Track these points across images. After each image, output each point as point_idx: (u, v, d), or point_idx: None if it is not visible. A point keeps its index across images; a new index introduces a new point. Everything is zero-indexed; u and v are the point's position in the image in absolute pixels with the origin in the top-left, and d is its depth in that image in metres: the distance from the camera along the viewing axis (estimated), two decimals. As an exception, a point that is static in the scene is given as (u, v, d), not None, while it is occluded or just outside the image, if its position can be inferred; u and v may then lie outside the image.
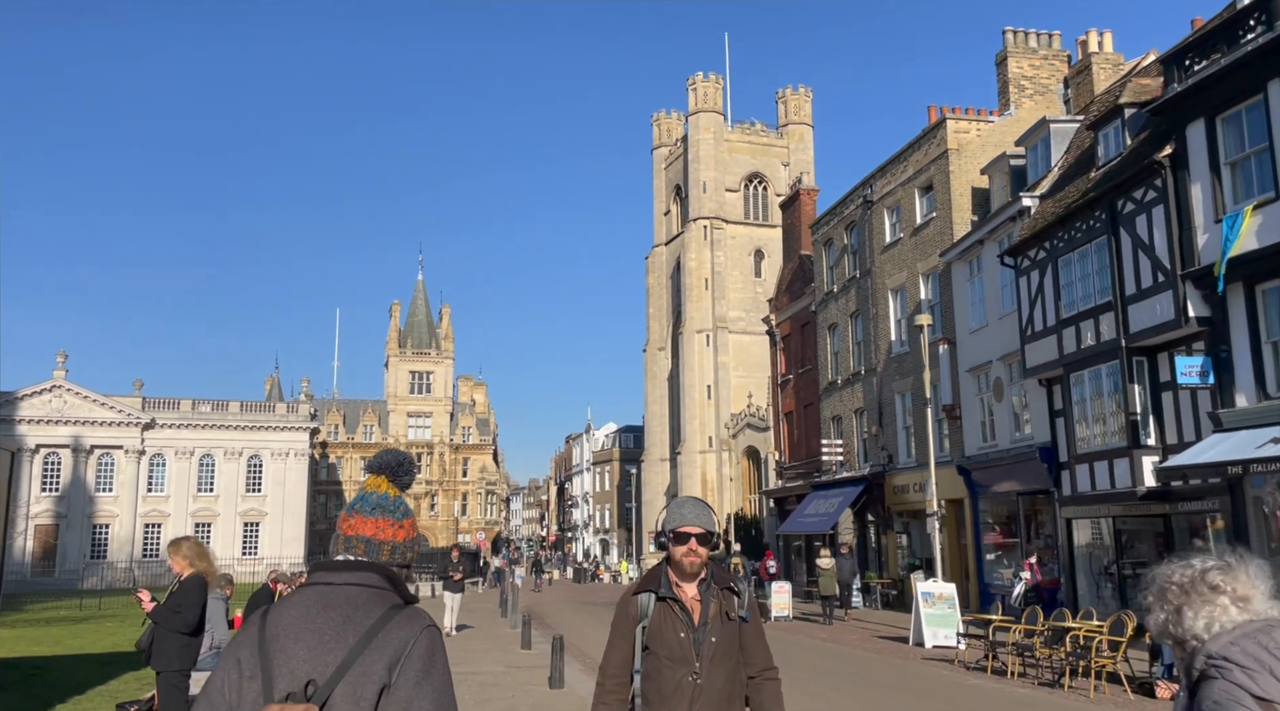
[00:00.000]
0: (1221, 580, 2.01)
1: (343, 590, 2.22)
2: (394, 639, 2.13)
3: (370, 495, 2.45)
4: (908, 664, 16.49)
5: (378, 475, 2.50)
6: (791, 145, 79.23)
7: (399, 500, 2.48)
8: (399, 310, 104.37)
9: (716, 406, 74.34)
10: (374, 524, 2.39)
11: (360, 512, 2.42)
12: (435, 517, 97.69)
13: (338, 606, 2.18)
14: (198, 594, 7.48)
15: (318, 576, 2.30)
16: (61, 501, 71.86)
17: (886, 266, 33.40)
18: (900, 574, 32.46)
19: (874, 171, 34.35)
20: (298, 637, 2.13)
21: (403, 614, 2.19)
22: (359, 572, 2.27)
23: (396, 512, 2.45)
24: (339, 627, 2.14)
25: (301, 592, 2.26)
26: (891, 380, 32.90)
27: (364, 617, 2.16)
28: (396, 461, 2.53)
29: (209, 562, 7.75)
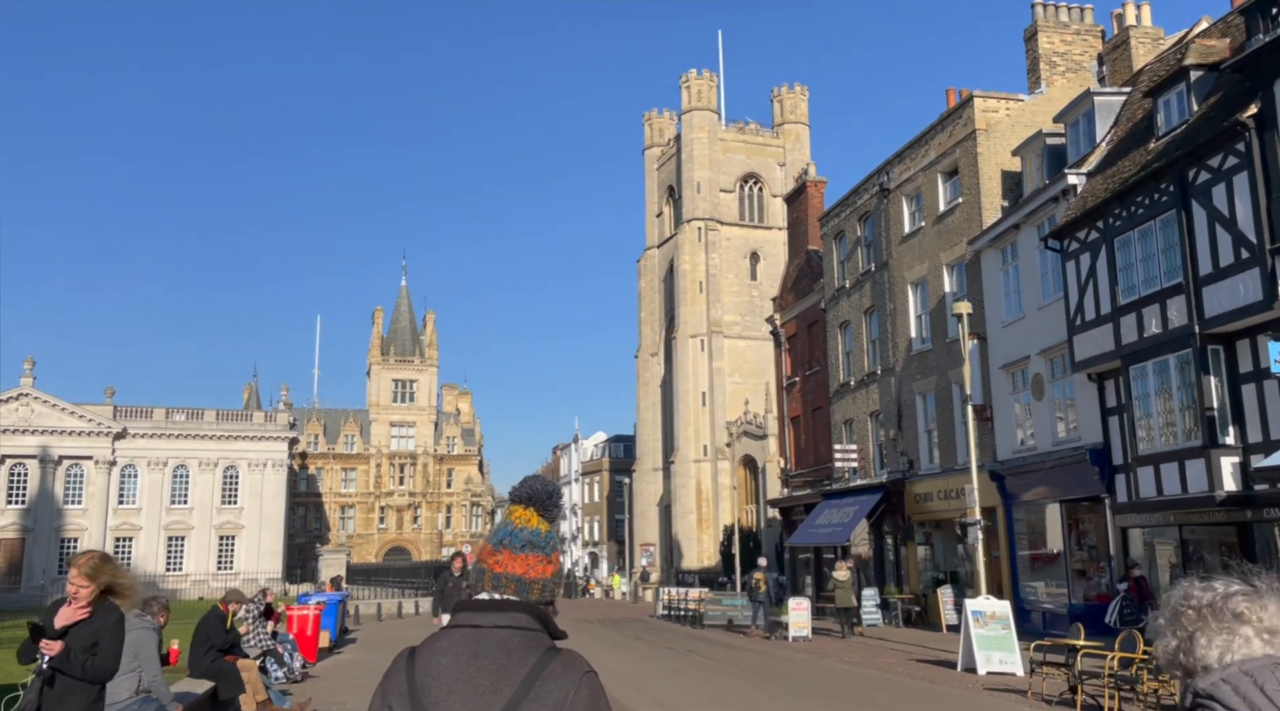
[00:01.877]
0: (1247, 607, 1.83)
1: (493, 633, 2.08)
2: (553, 689, 1.97)
3: (521, 531, 2.23)
4: (973, 696, 14.19)
5: (525, 507, 2.28)
6: (788, 145, 77.35)
7: (550, 535, 2.27)
8: (382, 317, 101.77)
9: (711, 414, 72.10)
10: (524, 562, 2.20)
11: (510, 548, 2.22)
12: (419, 530, 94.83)
13: (489, 652, 2.04)
14: (118, 629, 5.16)
15: (463, 617, 2.14)
16: (28, 514, 68.80)
17: (905, 258, 31.28)
18: (922, 589, 30.24)
19: (891, 157, 32.26)
20: (450, 690, 1.99)
21: (559, 661, 2.02)
22: (508, 613, 2.11)
23: (546, 548, 2.24)
24: (493, 678, 1.99)
25: (448, 637, 2.10)
26: (912, 380, 30.73)
27: (518, 665, 2.00)
28: (546, 492, 2.30)
29: (127, 580, 5.39)
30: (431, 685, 2.01)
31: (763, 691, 14.92)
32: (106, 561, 5.22)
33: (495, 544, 2.25)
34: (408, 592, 39.77)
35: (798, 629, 25.26)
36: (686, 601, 31.85)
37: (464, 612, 2.16)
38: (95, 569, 5.09)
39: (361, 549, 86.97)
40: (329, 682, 15.54)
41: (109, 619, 5.06)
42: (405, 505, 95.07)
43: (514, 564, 2.20)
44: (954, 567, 29.10)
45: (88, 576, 5.05)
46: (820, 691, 14.87)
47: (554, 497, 2.31)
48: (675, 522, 71.61)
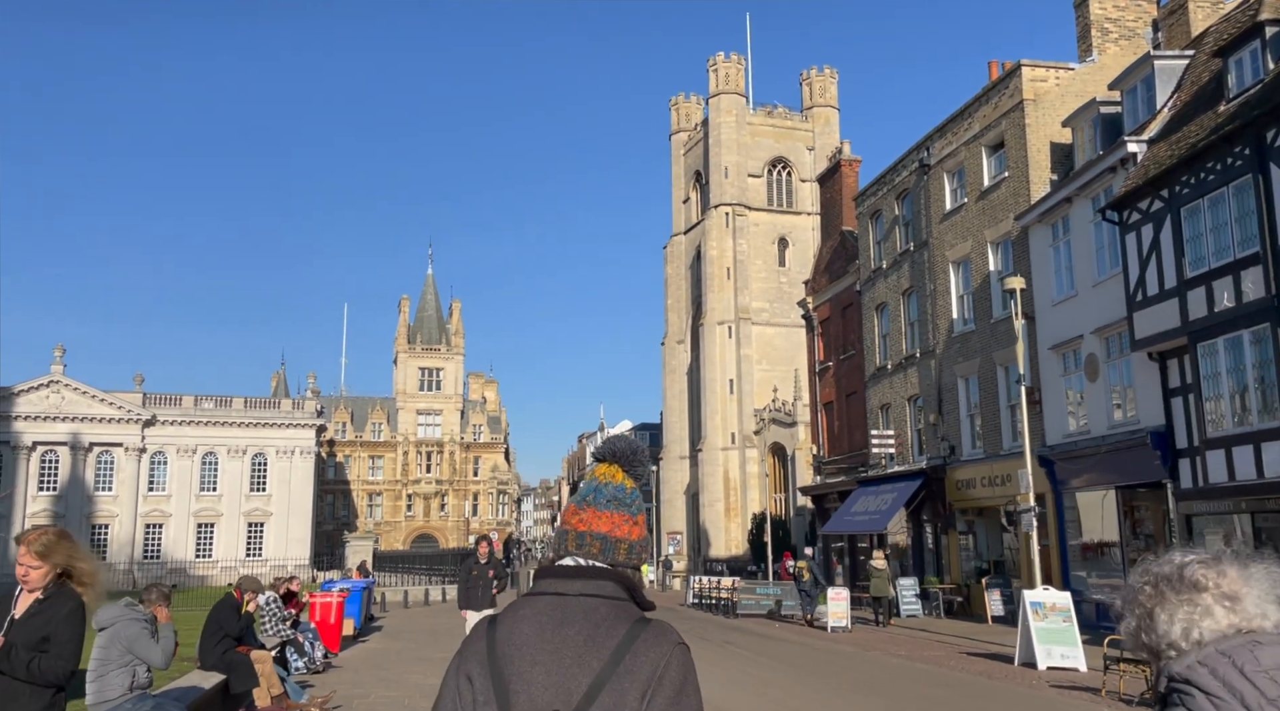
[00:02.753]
0: (1204, 574, 1.77)
1: (579, 602, 1.97)
2: (644, 661, 1.88)
3: (606, 486, 2.12)
4: (1038, 694, 13.20)
5: (609, 463, 2.16)
6: (816, 128, 75.88)
7: (635, 493, 2.15)
8: (408, 305, 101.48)
9: (739, 401, 71.04)
10: (609, 519, 2.08)
11: (594, 505, 2.10)
12: (446, 517, 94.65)
13: (575, 622, 1.94)
14: (74, 621, 4.28)
15: (547, 583, 2.02)
16: (59, 501, 69.10)
17: (947, 236, 30.08)
18: (964, 579, 29.17)
19: (931, 132, 31.03)
20: (534, 660, 1.90)
21: (649, 631, 1.93)
22: (594, 581, 2.00)
23: (633, 507, 2.13)
24: (580, 649, 1.89)
25: (531, 604, 1.99)
26: (953, 363, 29.58)
27: (606, 636, 1.91)
28: (631, 449, 2.19)
29: (89, 563, 4.50)
30: (514, 654, 1.92)
31: (809, 685, 14.03)
32: (63, 538, 4.35)
33: (579, 502, 2.14)
34: (435, 580, 39.22)
35: (836, 619, 24.32)
36: (719, 590, 30.97)
37: (547, 579, 2.03)
38: (48, 547, 4.23)
39: (389, 536, 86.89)
40: (351, 673, 14.81)
41: (62, 608, 4.18)
42: (432, 493, 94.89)
43: (598, 522, 2.08)
44: (998, 557, 28.02)
45: (39, 555, 4.21)
46: (872, 686, 13.94)
47: (639, 454, 2.19)
48: (703, 511, 70.76)
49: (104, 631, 6.84)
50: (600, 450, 2.20)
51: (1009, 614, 25.28)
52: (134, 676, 6.88)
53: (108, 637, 6.81)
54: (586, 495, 2.13)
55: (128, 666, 6.83)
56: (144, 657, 6.85)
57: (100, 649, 6.80)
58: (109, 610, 6.94)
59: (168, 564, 70.16)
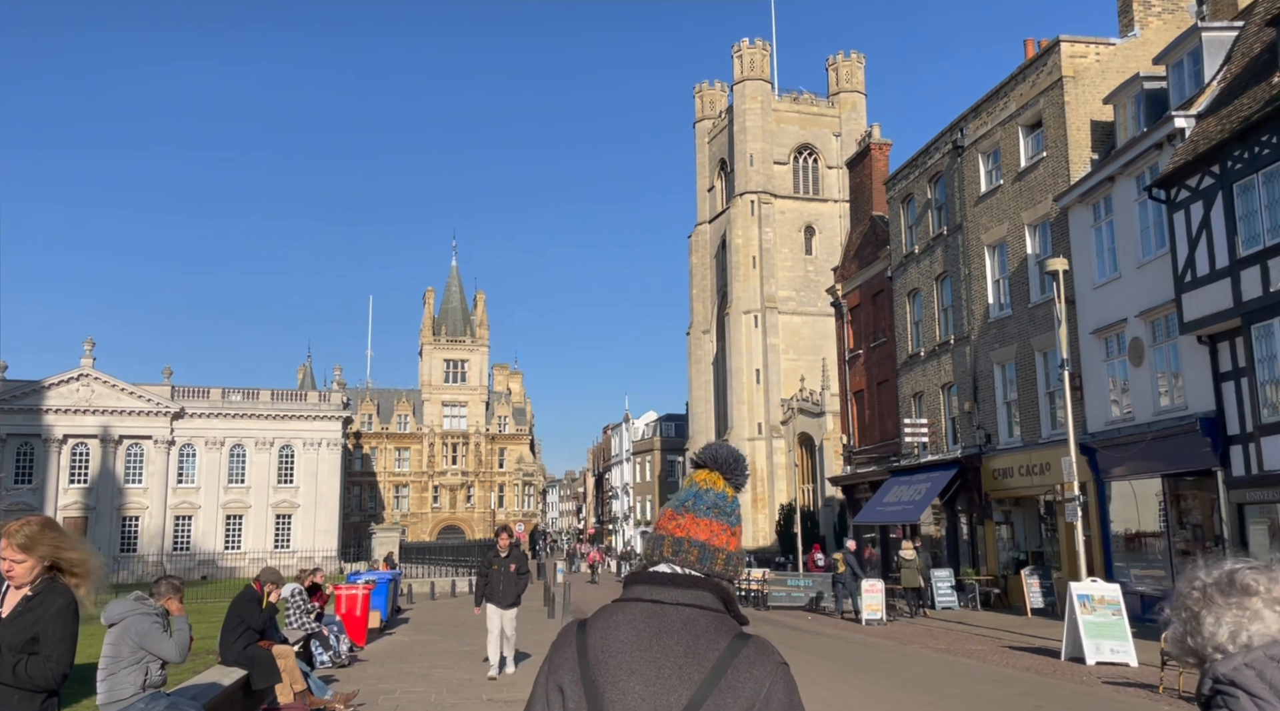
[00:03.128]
0: (1255, 579, 1.76)
1: (677, 611, 1.89)
2: (746, 679, 1.80)
3: (706, 492, 2.05)
4: (1092, 690, 12.61)
5: (710, 470, 2.09)
6: (843, 114, 74.87)
7: (736, 502, 2.08)
8: (433, 297, 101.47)
9: (766, 391, 70.41)
10: (709, 526, 2.01)
11: (693, 512, 2.02)
12: (472, 509, 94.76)
13: (673, 632, 1.86)
14: (64, 619, 3.84)
15: (642, 590, 1.95)
16: (90, 493, 69.70)
17: (982, 219, 29.31)
18: (1001, 570, 28.49)
19: (965, 112, 30.22)
20: (631, 670, 1.83)
21: (750, 647, 1.86)
22: (692, 590, 1.92)
23: (732, 517, 2.06)
24: (680, 660, 1.82)
25: (625, 610, 1.92)
26: (989, 349, 28.84)
27: (707, 649, 1.84)
28: (733, 457, 2.11)
29: (80, 553, 4.03)
30: (609, 661, 1.86)
31: (851, 682, 13.52)
32: (47, 528, 3.89)
33: (677, 507, 2.07)
34: (461, 571, 39.02)
35: (871, 612, 23.77)
36: (749, 581, 30.47)
37: (642, 586, 1.98)
38: (31, 538, 3.80)
39: (415, 527, 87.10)
40: (377, 667, 14.47)
41: (52, 606, 3.74)
42: (458, 484, 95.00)
43: (697, 529, 2.02)
44: (1037, 547, 27.32)
45: (21, 548, 3.78)
46: (917, 682, 13.40)
47: (741, 462, 2.13)
48: (730, 502, 70.24)
49: (114, 627, 6.48)
50: (701, 456, 2.12)
51: (1049, 606, 24.64)
52: (147, 674, 6.50)
53: (118, 633, 6.44)
54: (686, 500, 2.06)
55: (140, 663, 6.45)
56: (157, 653, 6.47)
57: (110, 646, 6.43)
58: (118, 605, 6.57)
59: (197, 555, 70.62)
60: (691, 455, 2.20)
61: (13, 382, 68.67)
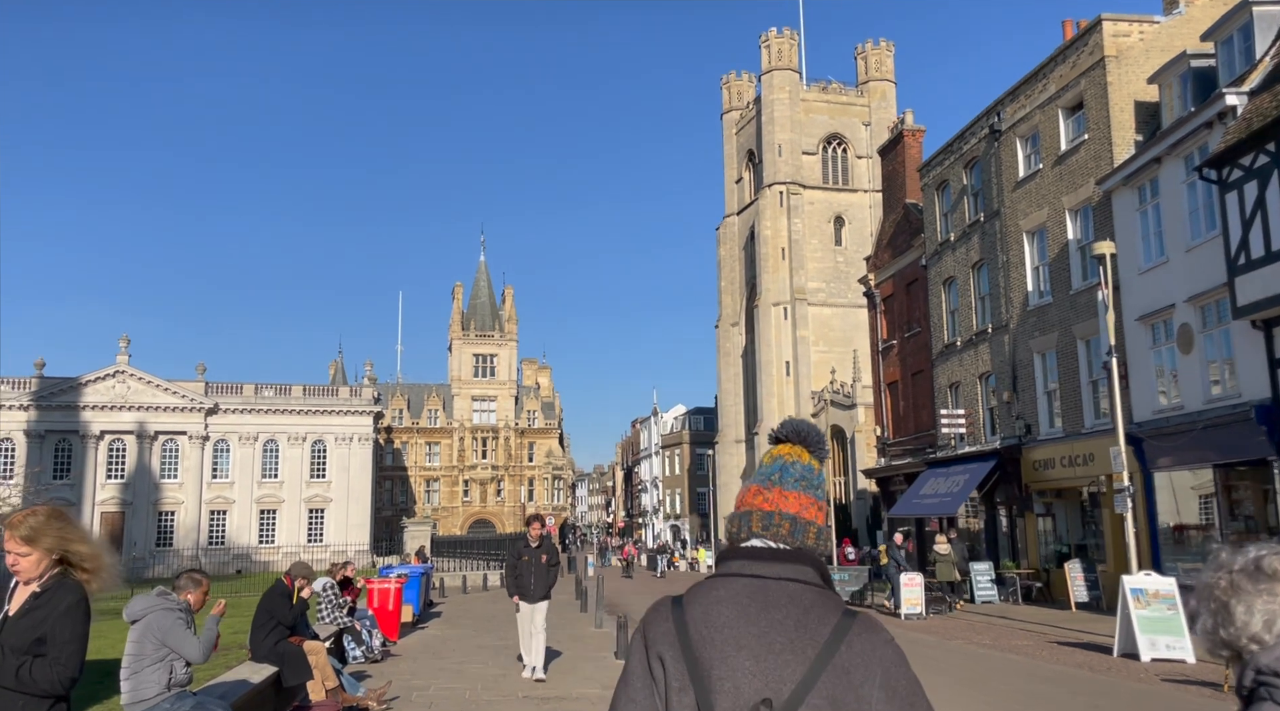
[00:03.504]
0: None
1: (782, 586, 1.84)
2: (859, 654, 1.75)
3: (793, 465, 1.99)
4: (1151, 689, 12.10)
5: (793, 444, 2.04)
6: (873, 103, 73.92)
7: (821, 476, 2.02)
8: (461, 292, 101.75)
9: (796, 383, 69.78)
10: (798, 499, 1.96)
11: (780, 485, 1.97)
12: (502, 502, 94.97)
13: (780, 606, 1.80)
14: (73, 617, 3.52)
15: (740, 565, 1.89)
16: (127, 488, 70.53)
17: (1020, 205, 28.61)
18: (1042, 563, 27.85)
19: (1003, 95, 29.50)
20: (739, 644, 1.77)
21: (859, 623, 1.80)
22: (794, 564, 1.87)
23: (819, 490, 2.00)
24: (790, 636, 1.77)
25: (725, 585, 1.86)
26: (1029, 337, 28.16)
27: (817, 624, 1.78)
28: (815, 430, 2.06)
29: (88, 546, 3.70)
30: (714, 636, 1.80)
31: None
32: (53, 518, 3.56)
33: (763, 481, 2.01)
34: (493, 565, 38.94)
35: (911, 606, 23.25)
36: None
37: (740, 560, 1.91)
38: (35, 530, 3.49)
39: (446, 521, 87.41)
40: (410, 663, 14.25)
41: (60, 603, 3.43)
42: (488, 478, 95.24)
43: (786, 502, 1.96)
44: (1080, 540, 26.66)
45: (25, 540, 3.47)
46: (965, 678, 12.95)
47: (822, 436, 2.07)
48: (761, 495, 69.73)
49: (136, 624, 6.23)
50: (781, 431, 2.08)
51: (1094, 600, 24.04)
52: (171, 672, 6.25)
53: (140, 630, 6.19)
54: (771, 474, 2.01)
55: (164, 661, 6.20)
56: (178, 650, 6.21)
57: (133, 643, 6.18)
58: (140, 600, 6.32)
59: (232, 550, 71.26)
60: (771, 430, 2.13)
61: (51, 380, 69.62)
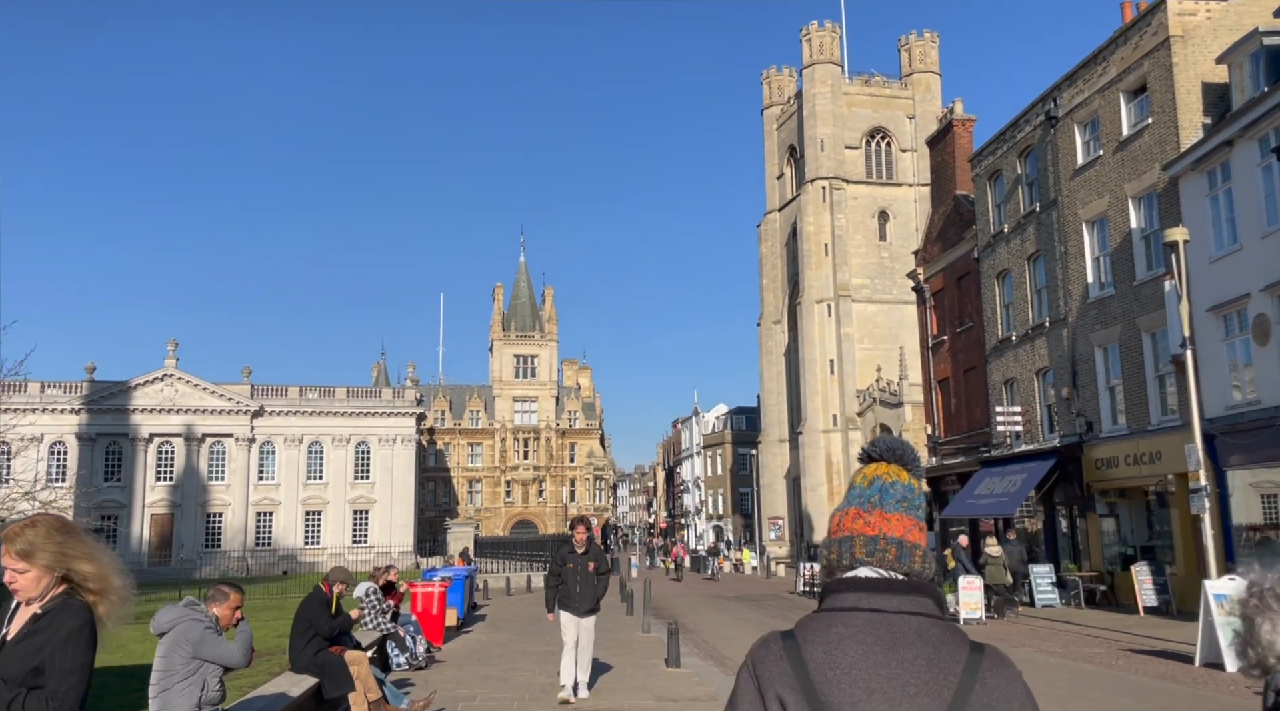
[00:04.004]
0: None
1: (906, 621, 1.72)
2: (996, 692, 1.65)
3: (894, 485, 1.87)
4: (1249, 704, 11.25)
5: (888, 463, 1.91)
6: (917, 96, 72.51)
7: (921, 496, 1.89)
8: (502, 293, 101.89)
9: (840, 382, 68.64)
10: (900, 522, 1.84)
11: (882, 507, 1.85)
12: (544, 503, 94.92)
13: (909, 644, 1.69)
14: (74, 644, 3.02)
15: (856, 598, 1.77)
16: (176, 490, 71.49)
17: (1079, 193, 27.55)
18: (1106, 566, 26.79)
19: (1060, 80, 28.45)
20: (871, 687, 1.65)
21: (989, 657, 1.70)
22: (914, 596, 1.76)
23: (920, 510, 1.88)
24: (924, 676, 1.65)
25: (843, 621, 1.74)
26: (1089, 331, 27.10)
27: (949, 662, 1.68)
28: (908, 448, 1.95)
29: (96, 564, 3.19)
30: (840, 679, 1.68)
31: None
32: (54, 532, 3.03)
33: (862, 503, 1.87)
34: (536, 566, 38.60)
35: (970, 610, 22.43)
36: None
37: (854, 593, 1.78)
38: (32, 544, 2.97)
39: (489, 522, 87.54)
40: (454, 670, 13.81)
41: (60, 629, 2.93)
42: (530, 479, 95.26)
43: (888, 525, 1.84)
44: (1146, 541, 25.57)
45: (21, 554, 2.97)
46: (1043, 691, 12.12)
47: (916, 453, 1.95)
48: (805, 495, 68.73)
49: (164, 637, 5.79)
50: (874, 450, 1.96)
51: (1163, 604, 22.97)
52: (203, 688, 5.81)
53: (169, 643, 5.75)
54: (870, 496, 1.88)
55: (195, 677, 5.76)
56: (216, 659, 5.76)
57: (162, 658, 5.75)
58: (168, 612, 5.88)
59: (278, 551, 71.90)
60: (862, 448, 2.03)
61: (101, 383, 70.79)
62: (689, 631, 20.65)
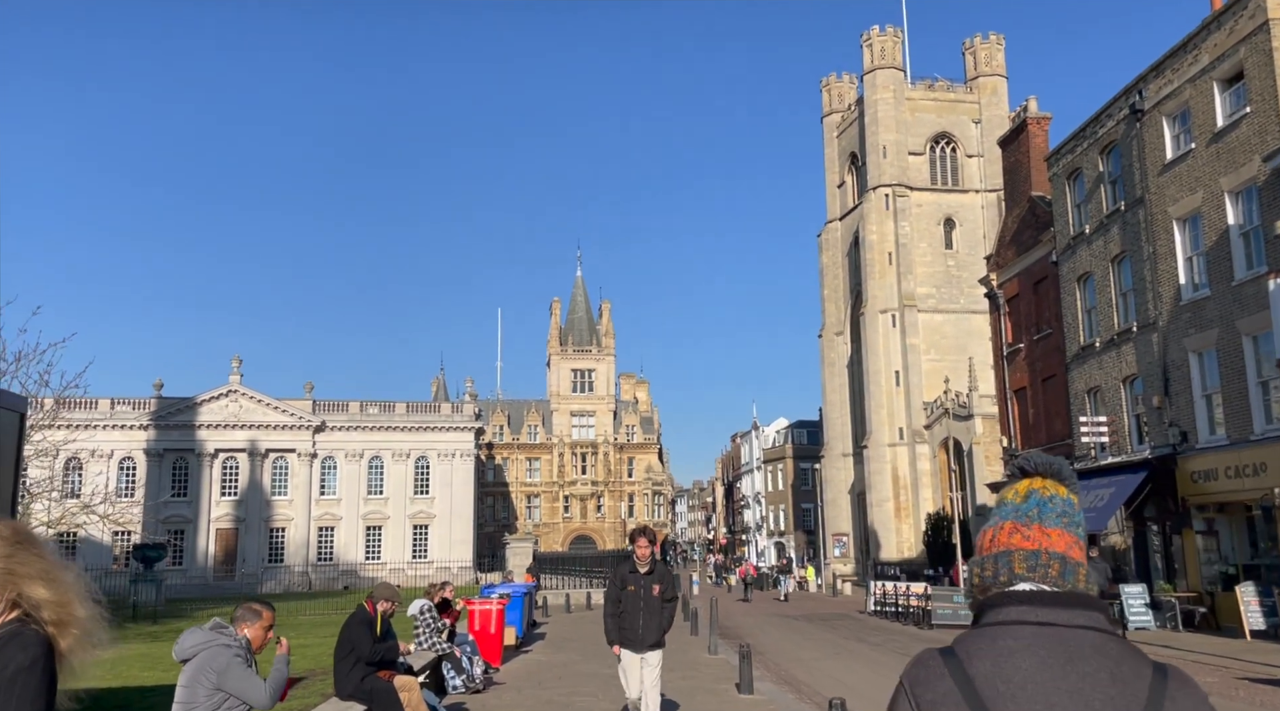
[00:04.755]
0: None
1: (1081, 635, 1.61)
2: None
3: (1053, 499, 1.78)
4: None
5: (1044, 478, 1.82)
6: (983, 99, 70.57)
7: (1081, 513, 1.81)
8: (559, 308, 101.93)
9: (906, 394, 66.75)
10: (1062, 537, 1.74)
11: (1041, 522, 1.75)
12: (602, 518, 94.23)
13: (1087, 658, 1.58)
14: (25, 684, 2.20)
15: (1020, 611, 1.65)
16: (240, 505, 72.34)
17: (1169, 189, 25.96)
18: (1205, 586, 25.00)
19: (1146, 71, 26.93)
20: (1050, 702, 1.54)
21: (1174, 677, 1.61)
22: (1086, 611, 1.65)
23: (1080, 527, 1.78)
24: (1108, 692, 1.55)
25: (1012, 635, 1.62)
26: (1182, 335, 25.44)
27: (1133, 678, 1.57)
28: (1062, 464, 1.83)
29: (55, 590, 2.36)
30: (1015, 694, 1.56)
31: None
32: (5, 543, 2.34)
33: (1019, 518, 1.78)
34: (595, 582, 37.80)
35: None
36: (908, 597, 27.88)
37: (1018, 606, 1.67)
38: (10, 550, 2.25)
39: (548, 537, 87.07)
40: (513, 694, 13.00)
41: (6, 666, 2.19)
42: (588, 494, 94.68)
43: (1049, 540, 1.74)
44: (1250, 560, 23.78)
45: None
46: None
47: (1073, 469, 1.84)
48: (870, 511, 66.84)
49: (188, 664, 5.06)
50: (1029, 464, 1.84)
51: (1272, 628, 21.24)
52: (233, 728, 5.04)
53: (192, 672, 5.02)
54: (1028, 510, 1.78)
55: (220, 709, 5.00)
56: (239, 695, 5.01)
57: (184, 688, 5.02)
58: (192, 635, 5.15)
59: (339, 566, 72.23)
60: (1014, 463, 1.88)
61: (168, 400, 72.07)
62: (758, 653, 19.57)
